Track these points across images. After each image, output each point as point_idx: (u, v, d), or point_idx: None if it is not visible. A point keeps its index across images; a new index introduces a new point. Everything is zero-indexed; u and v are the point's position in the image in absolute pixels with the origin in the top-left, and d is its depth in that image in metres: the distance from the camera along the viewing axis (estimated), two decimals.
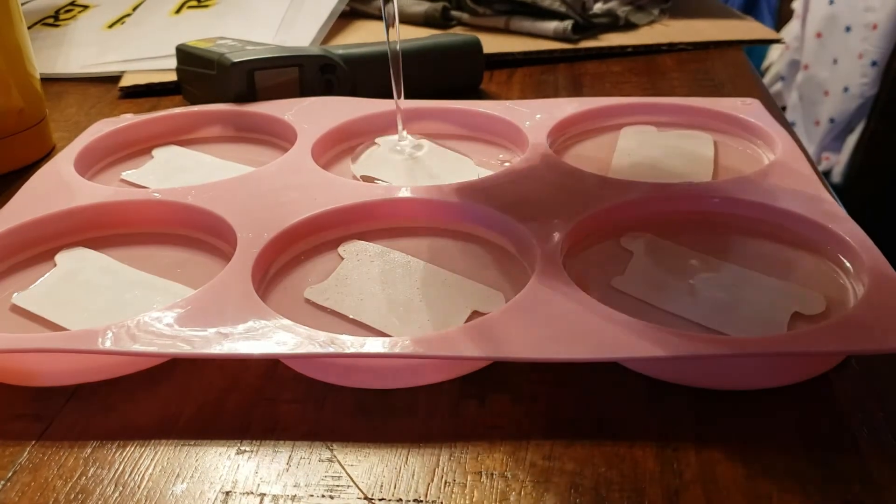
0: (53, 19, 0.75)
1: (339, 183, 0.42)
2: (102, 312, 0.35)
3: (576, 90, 0.59)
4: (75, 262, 0.38)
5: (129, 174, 0.46)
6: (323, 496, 0.27)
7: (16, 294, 0.36)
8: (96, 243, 0.40)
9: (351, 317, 0.33)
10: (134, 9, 0.75)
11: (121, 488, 0.27)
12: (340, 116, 0.49)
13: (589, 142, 0.48)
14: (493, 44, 0.64)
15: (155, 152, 0.49)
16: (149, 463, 0.28)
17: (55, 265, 0.38)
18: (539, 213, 0.37)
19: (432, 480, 0.27)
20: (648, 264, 0.36)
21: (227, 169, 0.47)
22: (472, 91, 0.59)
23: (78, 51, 0.69)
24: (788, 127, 0.47)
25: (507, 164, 0.45)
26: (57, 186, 0.43)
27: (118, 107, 0.60)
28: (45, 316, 0.35)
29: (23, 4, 0.74)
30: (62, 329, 0.34)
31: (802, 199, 0.38)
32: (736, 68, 0.61)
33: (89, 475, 0.28)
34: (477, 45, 0.58)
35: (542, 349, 0.29)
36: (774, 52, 1.55)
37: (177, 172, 0.47)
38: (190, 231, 0.40)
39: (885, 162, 1.22)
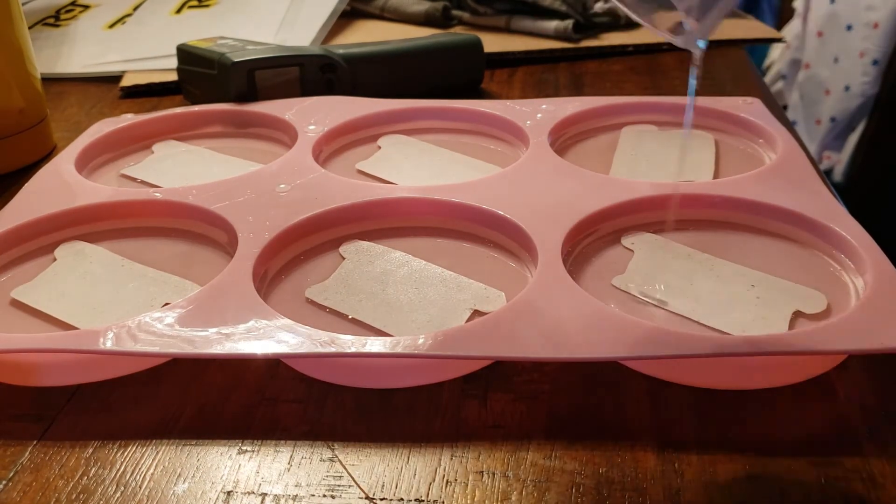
0: (54, 19, 0.75)
1: (339, 182, 0.42)
2: (102, 306, 0.35)
3: (577, 89, 0.59)
4: (75, 256, 0.38)
5: (130, 169, 0.47)
6: (324, 496, 0.27)
7: (15, 288, 0.36)
8: (95, 237, 0.40)
9: (351, 316, 0.33)
10: (134, 9, 0.75)
11: (122, 488, 0.27)
12: (341, 116, 0.49)
13: (590, 141, 0.48)
14: (493, 43, 0.64)
15: (155, 147, 0.49)
16: (150, 463, 0.28)
17: (55, 259, 0.38)
18: (539, 212, 0.37)
19: (434, 480, 0.27)
20: (648, 264, 0.36)
21: (227, 163, 0.47)
22: (473, 90, 0.59)
23: (79, 51, 0.69)
24: (789, 126, 0.47)
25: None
26: (58, 186, 0.43)
27: (119, 107, 0.59)
28: (44, 310, 0.35)
29: (23, 4, 0.74)
30: (62, 323, 0.34)
31: (803, 199, 0.38)
32: (737, 67, 0.61)
33: (91, 475, 0.28)
34: (478, 45, 0.58)
35: (542, 349, 0.29)
36: (775, 51, 1.54)
37: (177, 167, 0.47)
38: (190, 228, 0.40)
39: (887, 161, 1.22)
